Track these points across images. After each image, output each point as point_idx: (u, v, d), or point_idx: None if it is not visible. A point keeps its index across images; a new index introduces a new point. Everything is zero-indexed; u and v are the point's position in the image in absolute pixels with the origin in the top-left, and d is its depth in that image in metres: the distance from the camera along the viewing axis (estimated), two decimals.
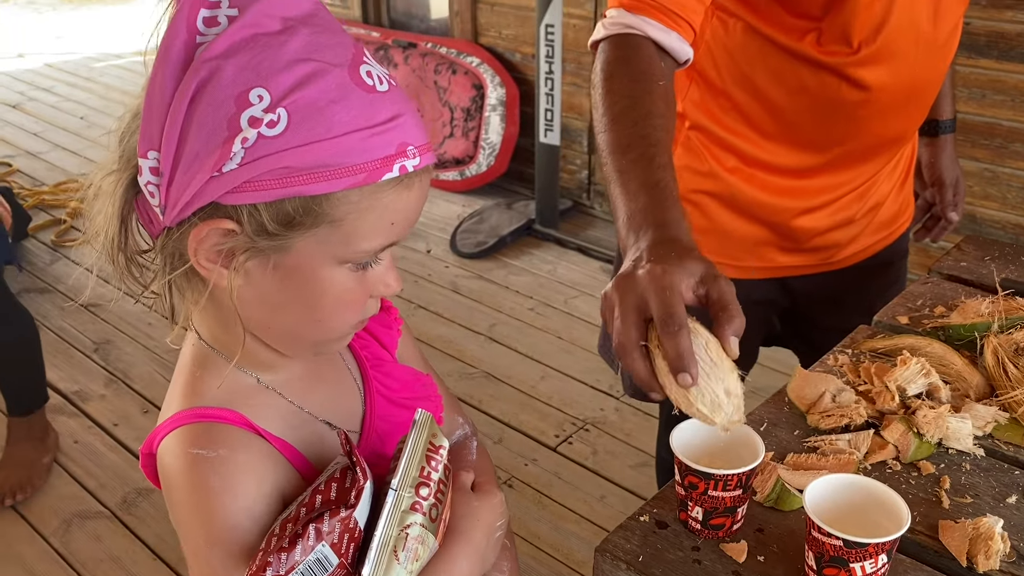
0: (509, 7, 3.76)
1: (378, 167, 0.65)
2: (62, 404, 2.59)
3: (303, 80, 0.62)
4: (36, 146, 4.60)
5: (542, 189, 3.52)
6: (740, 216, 1.31)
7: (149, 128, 0.64)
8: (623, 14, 1.03)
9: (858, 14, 1.11)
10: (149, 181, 0.65)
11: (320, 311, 0.71)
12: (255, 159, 0.62)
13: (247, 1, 0.63)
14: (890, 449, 0.98)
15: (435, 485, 0.73)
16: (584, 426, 2.49)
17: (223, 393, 0.74)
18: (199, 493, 0.70)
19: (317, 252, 0.67)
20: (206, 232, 0.65)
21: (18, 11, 7.89)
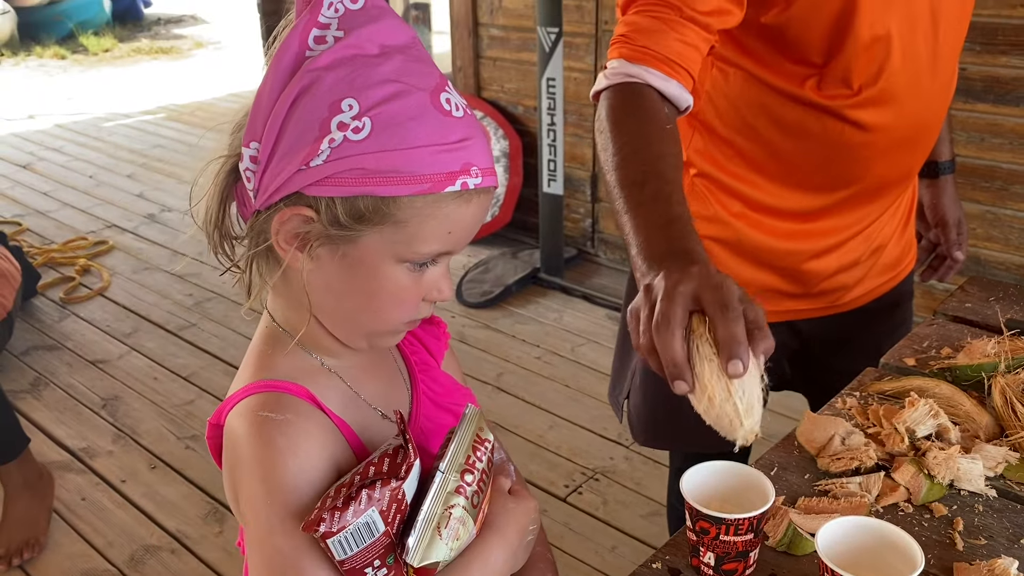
0: (511, 62, 3.83)
1: (443, 180, 0.73)
2: (69, 461, 2.59)
3: (390, 97, 0.71)
4: (46, 205, 4.66)
5: (546, 238, 3.54)
6: (747, 261, 1.32)
7: (255, 122, 0.74)
8: (624, 64, 1.06)
9: (858, 57, 1.13)
10: (248, 167, 0.75)
11: (377, 302, 0.78)
12: (339, 158, 0.71)
13: (353, 25, 0.73)
14: (901, 491, 0.98)
15: (478, 474, 0.78)
16: (594, 475, 2.47)
17: (291, 369, 0.81)
18: (264, 450, 0.75)
19: (381, 248, 0.75)
20: (288, 216, 0.74)
21: (30, 73, 8.05)
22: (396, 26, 0.74)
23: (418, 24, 4.72)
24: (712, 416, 0.74)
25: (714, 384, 0.72)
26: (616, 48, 1.07)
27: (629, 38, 1.06)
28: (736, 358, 0.72)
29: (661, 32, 1.04)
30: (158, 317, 3.45)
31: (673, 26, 1.04)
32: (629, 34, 1.06)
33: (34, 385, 2.99)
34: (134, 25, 9.99)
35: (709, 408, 0.73)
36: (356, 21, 0.73)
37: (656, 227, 0.89)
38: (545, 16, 3.18)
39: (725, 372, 0.72)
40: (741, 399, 0.72)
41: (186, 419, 2.78)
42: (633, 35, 1.06)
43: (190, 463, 2.56)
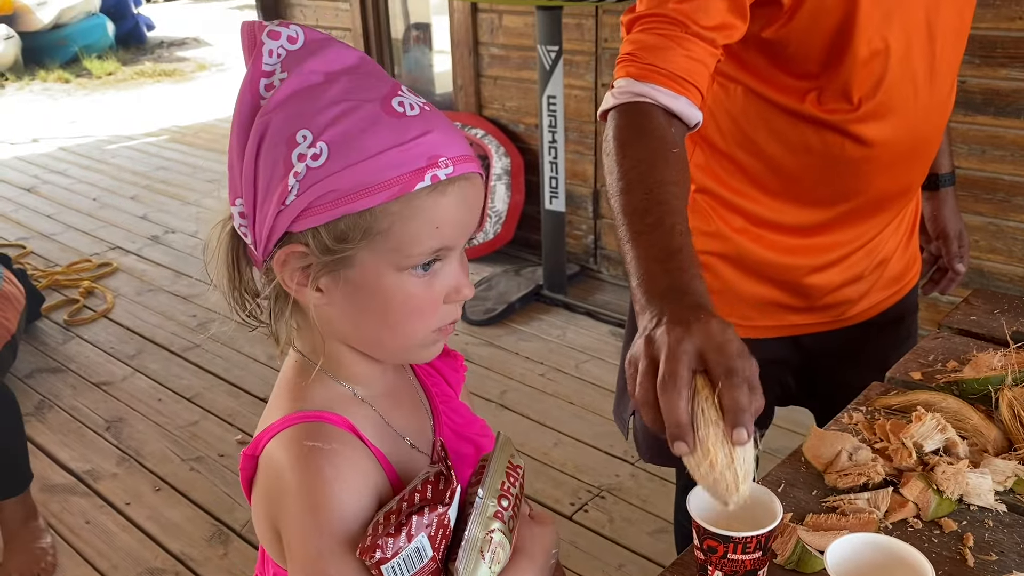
0: (511, 80, 3.85)
1: (410, 178, 0.73)
2: (73, 484, 2.58)
3: (339, 116, 0.73)
4: (49, 228, 4.67)
5: (549, 255, 3.54)
6: (750, 276, 1.32)
7: (233, 181, 0.76)
8: (631, 83, 1.05)
9: (856, 71, 1.13)
10: (240, 224, 0.77)
11: (392, 317, 0.78)
12: (307, 188, 0.72)
13: (294, 65, 0.74)
14: (910, 507, 0.97)
15: (512, 499, 0.80)
16: (600, 493, 2.46)
17: (326, 399, 0.82)
18: (313, 480, 0.76)
19: (376, 262, 0.76)
20: (284, 257, 0.76)
21: (34, 97, 8.10)
22: (339, 52, 0.76)
23: (419, 44, 4.74)
24: (709, 480, 0.73)
25: (717, 450, 0.72)
26: (623, 67, 1.07)
27: (636, 56, 1.05)
28: (741, 426, 0.71)
29: (668, 49, 1.03)
30: (162, 338, 3.45)
31: (679, 42, 1.03)
32: (635, 52, 1.05)
33: (38, 408, 2.99)
34: (137, 48, 10.06)
35: (709, 472, 0.72)
36: (298, 59, 0.74)
37: (656, 260, 0.87)
38: (545, 35, 3.19)
39: (729, 439, 0.72)
40: (740, 466, 0.72)
41: (190, 440, 2.77)
42: (640, 53, 1.05)
43: (195, 485, 2.56)
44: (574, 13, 3.43)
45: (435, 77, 4.62)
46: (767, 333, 1.37)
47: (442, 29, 4.36)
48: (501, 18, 3.77)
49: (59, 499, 2.51)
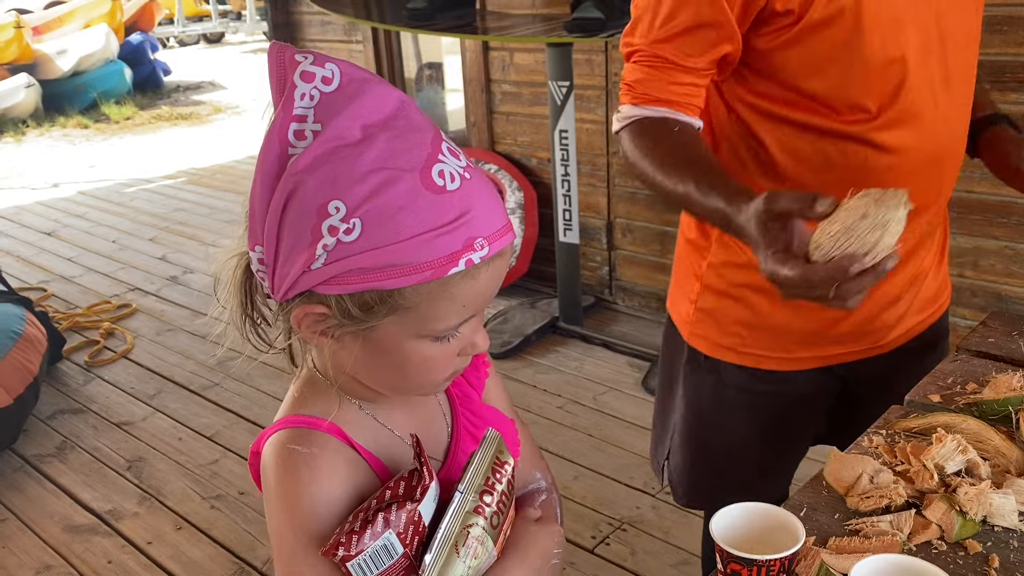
0: (523, 116, 3.89)
1: (444, 263, 0.72)
2: (95, 524, 2.59)
3: (376, 190, 0.70)
4: (70, 271, 4.73)
5: (564, 287, 3.56)
6: (785, 306, 1.31)
7: (254, 227, 0.74)
8: (633, 108, 1.18)
9: (872, 78, 1.15)
10: (259, 269, 0.76)
11: (407, 372, 0.80)
12: (336, 260, 0.71)
13: (330, 115, 0.70)
14: (934, 529, 0.97)
15: (498, 495, 0.80)
16: (621, 526, 2.44)
17: (325, 407, 0.83)
18: (289, 480, 0.78)
19: (399, 331, 0.76)
20: (304, 314, 0.75)
21: (53, 143, 8.24)
22: (378, 97, 0.72)
23: (431, 83, 4.82)
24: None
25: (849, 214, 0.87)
26: (624, 95, 1.21)
27: (632, 87, 1.20)
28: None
29: (660, 80, 1.17)
30: (181, 378, 3.47)
31: (671, 75, 1.17)
32: (632, 84, 1.19)
33: (60, 449, 3.01)
34: (154, 93, 10.24)
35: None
36: (333, 107, 0.70)
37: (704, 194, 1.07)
38: (556, 71, 3.24)
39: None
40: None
41: (211, 479, 2.78)
42: (637, 85, 1.19)
43: (216, 523, 2.56)
44: (584, 49, 3.48)
45: (448, 115, 4.69)
46: (805, 364, 1.37)
47: (454, 68, 4.43)
48: (512, 56, 3.83)
49: (81, 540, 2.52)
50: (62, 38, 9.59)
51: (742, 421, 1.44)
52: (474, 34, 3.66)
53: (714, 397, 1.44)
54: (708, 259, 1.37)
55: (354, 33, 4.55)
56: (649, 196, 3.54)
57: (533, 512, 0.88)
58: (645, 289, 3.72)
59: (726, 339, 1.38)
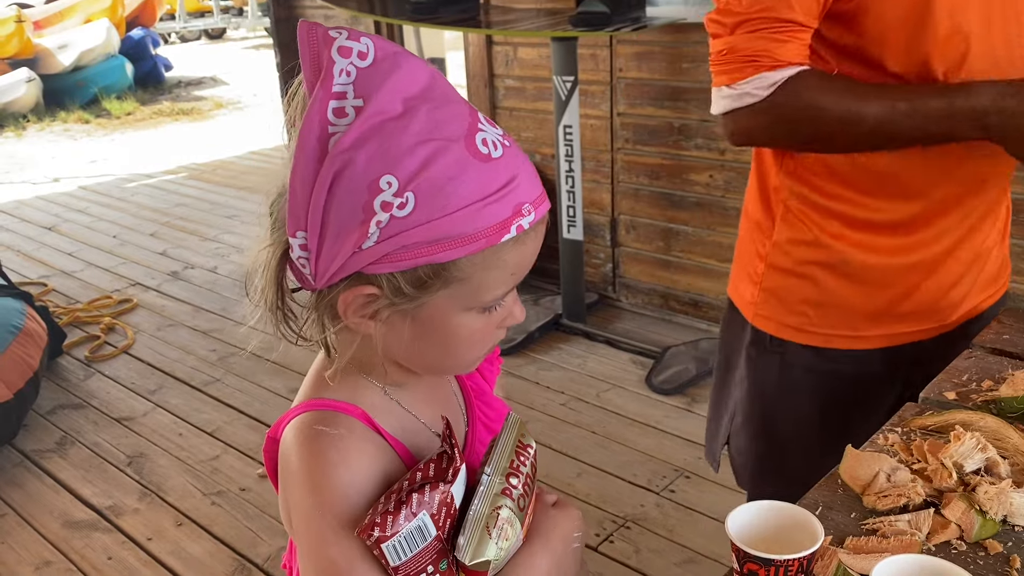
0: (527, 111, 3.87)
1: (496, 230, 0.72)
2: (96, 520, 2.58)
3: (426, 161, 0.69)
4: (71, 265, 4.72)
5: (568, 284, 3.54)
6: (853, 283, 1.32)
7: (296, 212, 0.72)
8: (766, 76, 1.18)
9: (937, 48, 1.16)
10: (300, 256, 0.74)
11: (454, 350, 0.80)
12: (389, 237, 0.70)
13: (370, 89, 0.70)
14: (953, 528, 0.94)
15: (523, 478, 0.80)
16: (625, 523, 2.43)
17: (349, 391, 0.81)
18: (315, 462, 0.76)
19: (448, 305, 0.75)
20: (353, 296, 0.74)
21: (55, 138, 8.23)
22: (413, 70, 0.72)
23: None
24: None
25: None
26: (745, 68, 1.19)
27: (758, 58, 1.17)
28: None
29: (785, 43, 1.17)
30: (182, 373, 3.45)
31: (796, 35, 1.17)
32: (758, 54, 1.17)
33: (60, 444, 2.99)
34: (156, 88, 10.22)
35: None
36: (372, 81, 0.70)
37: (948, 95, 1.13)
38: (560, 65, 3.22)
39: None
40: None
41: (212, 475, 2.76)
42: (762, 54, 1.17)
43: (216, 519, 2.54)
44: (589, 44, 3.45)
45: None
46: (872, 343, 1.37)
47: (457, 64, 4.41)
48: (516, 50, 3.81)
49: (81, 535, 2.51)
50: (63, 33, 9.57)
51: (808, 402, 1.43)
52: (478, 28, 3.64)
53: (780, 379, 1.44)
54: (773, 238, 1.37)
55: (357, 27, 4.52)
56: (653, 193, 3.52)
57: (549, 497, 0.87)
58: (649, 286, 3.70)
59: (792, 319, 1.38)
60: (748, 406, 1.49)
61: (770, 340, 1.41)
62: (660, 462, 2.68)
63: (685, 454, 2.71)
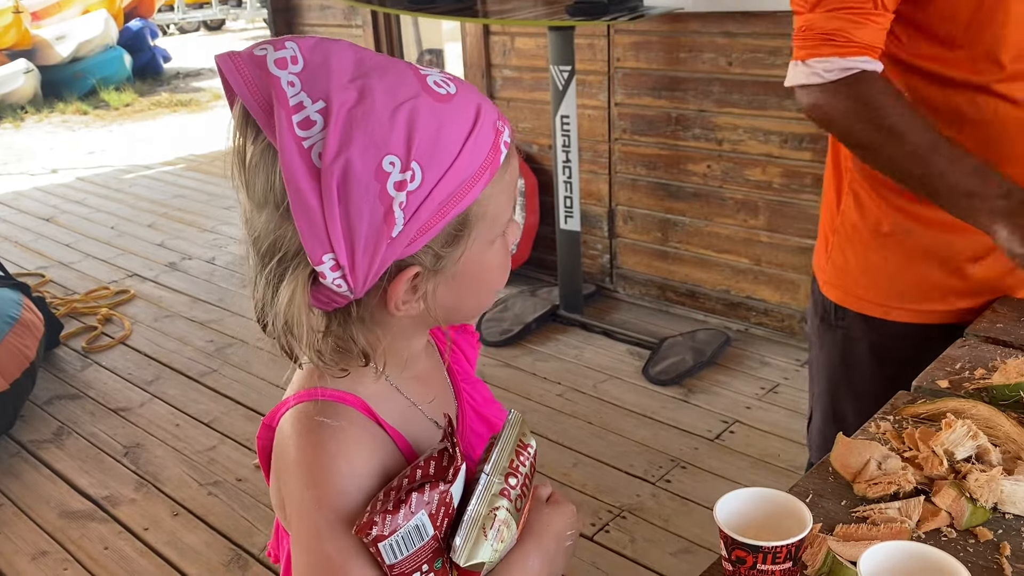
0: (524, 102, 3.86)
1: (493, 157, 0.74)
2: (92, 510, 2.58)
3: (409, 127, 0.69)
4: (68, 256, 4.71)
5: (565, 275, 3.53)
6: (912, 258, 1.36)
7: (315, 237, 0.69)
8: (837, 60, 1.21)
9: (1009, 33, 1.18)
10: (333, 278, 0.71)
11: (492, 284, 0.82)
12: (413, 213, 0.70)
13: (323, 85, 0.68)
14: (943, 516, 0.94)
15: (522, 478, 0.79)
16: (621, 513, 2.43)
17: (349, 381, 0.80)
18: (315, 454, 0.75)
19: (479, 247, 0.77)
20: (400, 285, 0.74)
21: (53, 129, 8.21)
22: (339, 51, 0.70)
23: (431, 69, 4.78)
24: None
25: None
26: (826, 45, 1.22)
27: (833, 36, 1.21)
28: None
29: (862, 26, 1.20)
30: (179, 364, 3.45)
31: (869, 18, 1.20)
32: (833, 33, 1.21)
33: (57, 435, 2.99)
34: (154, 79, 10.20)
35: None
36: (318, 80, 0.68)
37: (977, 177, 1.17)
38: (557, 55, 3.21)
39: None
40: None
41: (208, 465, 2.76)
42: (836, 33, 1.21)
43: (213, 510, 2.54)
44: (586, 33, 3.44)
45: None
46: (933, 318, 1.39)
47: (454, 54, 4.39)
48: (513, 40, 3.80)
49: (78, 526, 2.51)
50: (61, 24, 9.54)
51: (869, 377, 1.47)
52: (475, 17, 3.63)
53: (843, 353, 1.48)
54: (841, 207, 1.42)
55: (353, 17, 4.51)
56: (651, 183, 3.51)
57: (544, 491, 0.87)
58: (646, 277, 3.69)
59: (855, 289, 1.43)
60: (819, 383, 1.54)
61: (835, 311, 1.46)
62: (656, 452, 2.68)
63: (681, 444, 2.71)
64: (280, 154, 0.67)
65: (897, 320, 1.41)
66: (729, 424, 2.78)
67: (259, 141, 0.70)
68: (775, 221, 3.21)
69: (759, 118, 3.10)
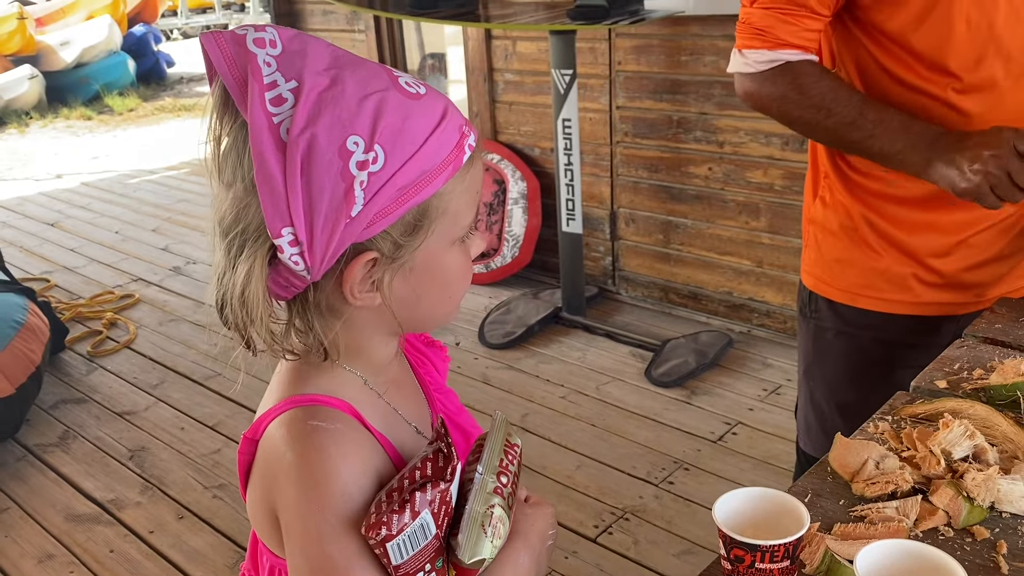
0: (526, 105, 3.87)
1: (456, 154, 0.76)
2: (98, 513, 2.59)
3: (376, 114, 0.72)
4: (73, 261, 4.73)
5: (567, 277, 3.54)
6: (880, 248, 1.39)
7: (275, 209, 0.71)
8: (765, 53, 1.29)
9: (957, 41, 1.21)
10: (291, 254, 0.72)
11: (451, 288, 0.82)
12: (373, 195, 0.72)
13: (298, 68, 0.71)
14: (941, 515, 0.95)
15: (511, 476, 0.81)
16: (624, 515, 2.43)
17: (331, 385, 0.81)
18: (316, 457, 0.75)
19: (438, 243, 0.78)
20: (356, 269, 0.75)
21: (57, 134, 8.24)
22: (317, 45, 0.74)
23: (434, 73, 4.79)
24: None
25: None
26: (752, 39, 1.31)
27: (764, 32, 1.29)
28: None
29: (794, 26, 1.28)
30: (184, 367, 3.47)
31: (803, 21, 1.28)
32: (763, 29, 1.29)
33: (62, 439, 3.01)
34: (158, 84, 10.22)
35: None
36: (293, 64, 0.71)
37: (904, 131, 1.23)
38: (559, 59, 3.22)
39: None
40: None
41: (213, 468, 2.78)
42: (767, 30, 1.29)
43: (218, 512, 2.56)
44: (587, 37, 3.45)
45: None
46: (904, 309, 1.41)
47: (457, 58, 4.41)
48: (515, 44, 3.81)
49: (84, 529, 2.52)
50: (65, 29, 9.57)
51: (839, 365, 1.51)
52: (477, 22, 3.64)
53: (815, 340, 1.53)
54: (816, 199, 1.48)
55: (356, 22, 4.52)
56: (652, 186, 3.52)
57: (522, 493, 0.88)
58: (648, 279, 3.70)
59: (827, 277, 1.47)
60: (799, 370, 1.60)
61: (809, 300, 1.51)
62: (659, 454, 2.69)
63: (684, 446, 2.71)
64: (250, 127, 0.70)
65: (865, 308, 1.44)
66: (732, 426, 2.79)
67: (234, 127, 0.73)
68: (777, 223, 3.21)
69: (760, 120, 3.11)
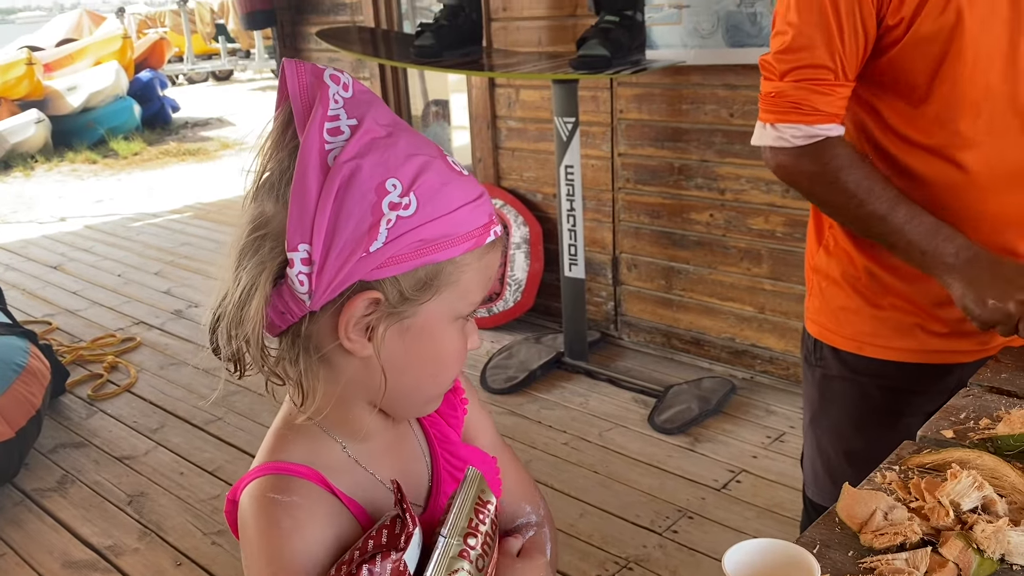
0: (529, 152, 3.91)
1: (482, 232, 0.79)
2: (95, 560, 2.56)
3: (420, 169, 0.76)
4: (75, 304, 4.74)
5: (569, 322, 3.55)
6: (885, 296, 1.40)
7: (300, 225, 0.73)
8: (802, 128, 1.30)
9: (956, 100, 1.24)
10: (300, 271, 0.74)
11: (439, 365, 0.83)
12: (396, 237, 0.74)
13: (361, 112, 0.76)
14: (951, 567, 0.94)
15: (482, 537, 0.79)
16: (627, 565, 2.41)
17: (306, 453, 0.82)
18: (270, 530, 0.77)
19: (441, 311, 0.79)
20: (356, 305, 0.75)
21: (62, 178, 8.31)
22: (382, 106, 0.80)
23: (438, 119, 4.85)
24: None
25: None
26: (792, 113, 1.30)
27: (800, 105, 1.29)
28: None
29: (826, 95, 1.28)
30: (184, 412, 3.45)
31: (833, 89, 1.28)
32: (800, 102, 1.29)
33: (60, 483, 2.98)
34: (163, 129, 10.34)
35: None
36: (359, 107, 0.76)
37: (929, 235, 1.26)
38: (561, 107, 3.26)
39: None
40: None
41: (212, 514, 2.75)
42: (803, 103, 1.29)
43: (216, 559, 2.53)
44: (590, 86, 3.50)
45: (454, 151, 4.71)
46: (910, 357, 1.41)
47: (460, 105, 4.47)
48: (518, 92, 3.86)
49: None
50: (73, 75, 9.72)
51: (844, 413, 1.50)
52: (481, 71, 3.69)
53: (820, 388, 1.52)
54: (820, 248, 1.49)
55: (361, 70, 4.59)
56: (654, 232, 3.54)
57: (515, 544, 0.87)
58: (651, 324, 3.70)
59: (832, 325, 1.47)
60: (805, 417, 1.59)
61: (815, 348, 1.51)
62: (663, 502, 2.67)
63: (688, 494, 2.69)
64: (301, 146, 0.73)
65: (871, 356, 1.44)
66: (736, 473, 2.77)
67: (284, 155, 0.77)
68: (778, 269, 3.23)
69: (761, 168, 3.14)
